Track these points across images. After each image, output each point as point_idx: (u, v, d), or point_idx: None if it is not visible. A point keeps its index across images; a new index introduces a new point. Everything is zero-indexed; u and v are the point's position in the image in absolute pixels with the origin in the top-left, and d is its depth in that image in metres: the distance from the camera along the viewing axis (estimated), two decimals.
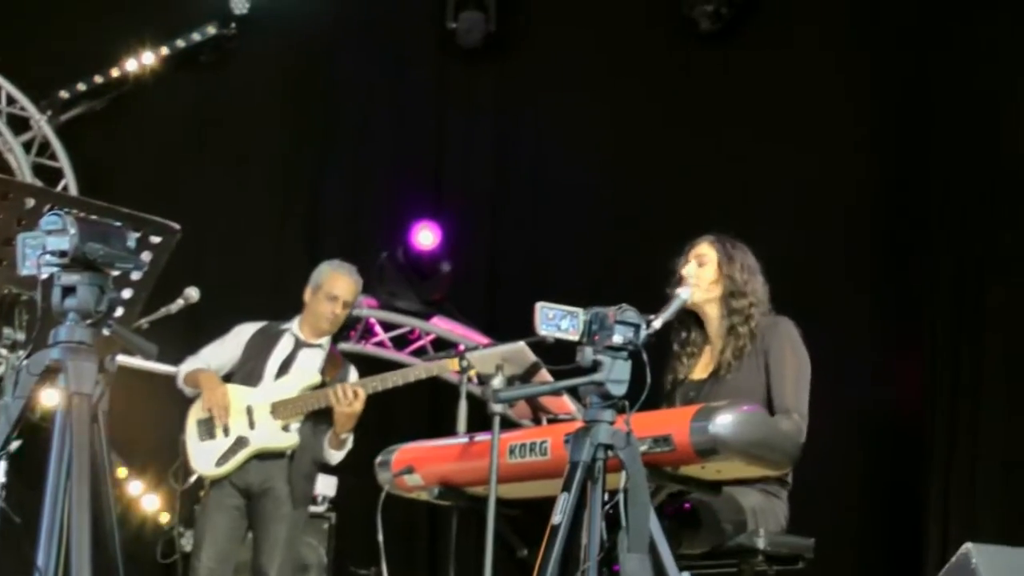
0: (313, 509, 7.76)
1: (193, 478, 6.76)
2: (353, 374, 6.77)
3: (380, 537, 5.36)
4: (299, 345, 6.77)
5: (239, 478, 6.60)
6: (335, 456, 6.70)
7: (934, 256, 8.16)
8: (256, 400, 6.63)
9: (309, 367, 6.72)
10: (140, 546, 8.18)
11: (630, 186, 9.12)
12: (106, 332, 3.44)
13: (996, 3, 8.05)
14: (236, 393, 6.64)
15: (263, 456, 6.60)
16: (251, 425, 6.60)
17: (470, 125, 9.79)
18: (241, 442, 6.59)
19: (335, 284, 6.79)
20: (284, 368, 6.72)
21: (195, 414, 6.68)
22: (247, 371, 6.73)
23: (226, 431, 6.61)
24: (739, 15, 9.01)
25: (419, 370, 6.70)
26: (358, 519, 7.07)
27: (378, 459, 5.44)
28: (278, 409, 6.59)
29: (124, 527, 3.33)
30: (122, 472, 8.40)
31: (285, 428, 6.61)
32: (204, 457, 6.62)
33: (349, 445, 6.68)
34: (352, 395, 6.48)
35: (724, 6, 8.97)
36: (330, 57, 9.81)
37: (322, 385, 6.64)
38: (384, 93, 9.75)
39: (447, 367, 6.48)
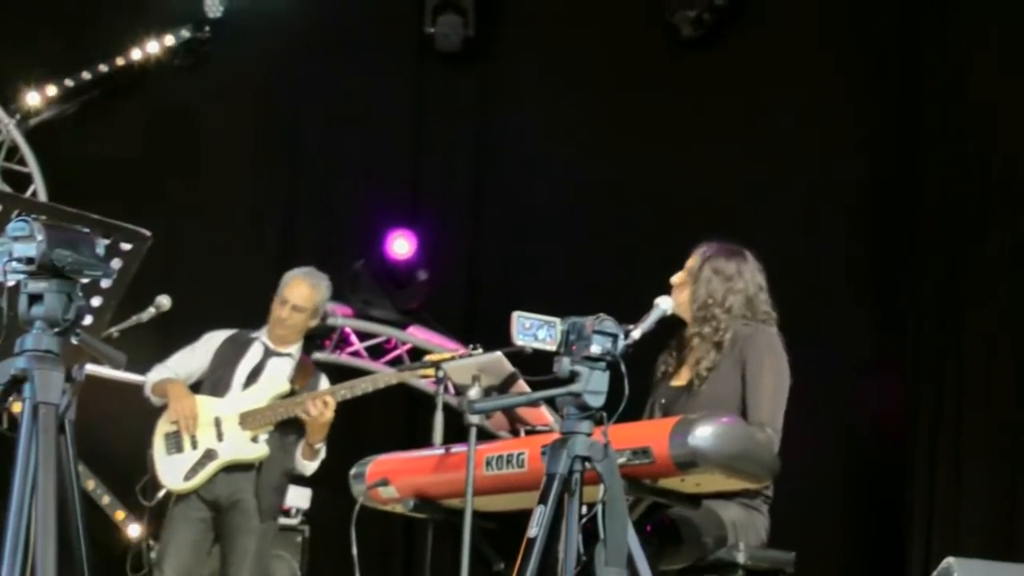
0: (286, 522, 7.75)
1: (161, 493, 6.72)
2: (324, 382, 6.75)
3: (354, 550, 5.35)
4: (268, 354, 6.75)
5: (207, 491, 6.57)
6: (309, 467, 6.69)
7: (921, 269, 8.17)
8: (224, 411, 6.61)
9: (278, 376, 6.70)
10: (109, 559, 8.14)
11: (612, 193, 9.13)
12: (74, 341, 3.42)
13: (988, 6, 8.06)
14: (204, 404, 6.61)
15: (231, 468, 6.57)
16: (219, 437, 6.58)
17: (448, 131, 9.78)
18: (210, 455, 6.56)
19: (288, 289, 6.78)
20: (253, 377, 6.70)
21: (162, 427, 6.66)
22: (215, 380, 6.71)
23: (194, 444, 6.58)
24: (721, 21, 9.03)
25: (389, 376, 6.69)
26: (332, 532, 7.06)
27: (352, 471, 5.43)
28: (247, 420, 6.57)
29: (92, 540, 3.32)
30: (90, 484, 8.37)
31: (254, 439, 6.59)
32: (172, 471, 6.59)
33: (322, 455, 6.66)
34: (322, 405, 6.46)
35: (706, 12, 8.99)
36: (305, 61, 9.79)
37: (291, 394, 6.62)
38: (360, 98, 9.73)
39: (418, 372, 6.48)
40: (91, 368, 3.78)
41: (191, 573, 6.61)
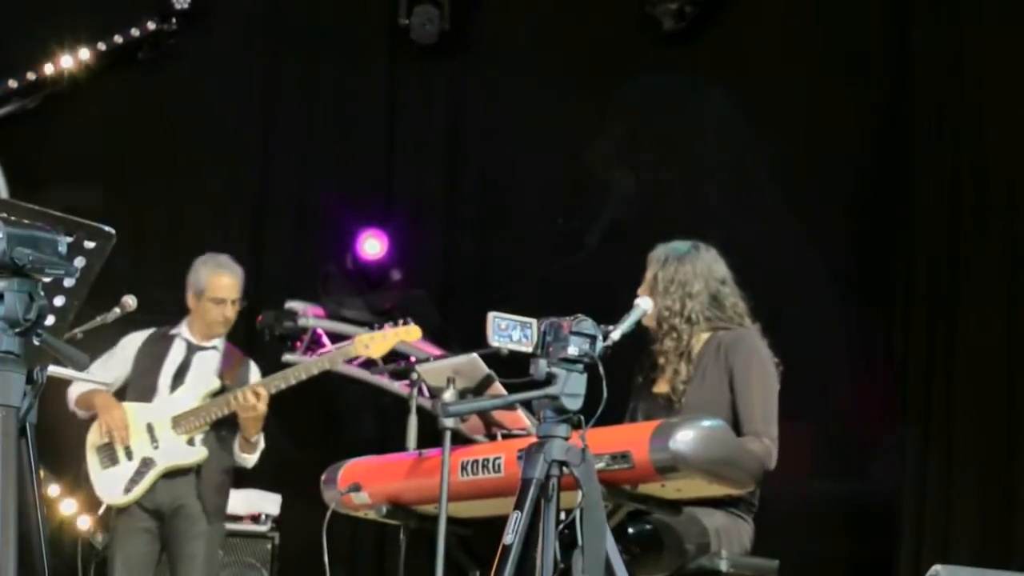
0: (256, 528, 7.74)
1: (102, 508, 6.65)
2: (254, 371, 6.71)
3: (326, 558, 5.35)
4: (192, 350, 6.70)
5: (148, 500, 6.52)
6: (250, 460, 6.65)
7: (912, 271, 8.18)
8: (155, 416, 6.55)
9: (206, 373, 6.64)
10: (72, 570, 8.13)
11: (590, 190, 9.13)
12: (36, 341, 3.42)
13: (980, 9, 8.08)
14: (133, 411, 6.55)
15: (170, 474, 6.53)
16: (154, 444, 6.52)
17: (422, 127, 9.78)
18: (147, 463, 6.51)
19: (217, 287, 6.70)
20: (179, 377, 6.64)
21: (93, 441, 6.59)
22: (141, 386, 6.63)
23: (129, 454, 6.52)
24: (704, 14, 9.04)
25: (321, 362, 6.65)
26: (303, 539, 7.05)
27: (324, 476, 5.44)
28: (180, 423, 6.52)
29: (55, 548, 3.30)
30: (53, 491, 8.35)
31: (190, 442, 6.54)
32: (110, 485, 6.53)
33: (261, 445, 6.63)
34: (254, 398, 6.42)
35: (688, 4, 9.00)
36: (276, 54, 9.78)
37: (223, 390, 6.58)
38: (332, 92, 9.72)
39: (349, 353, 6.47)
40: (53, 370, 3.77)
41: None
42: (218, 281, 6.70)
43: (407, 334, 6.61)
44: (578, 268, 8.90)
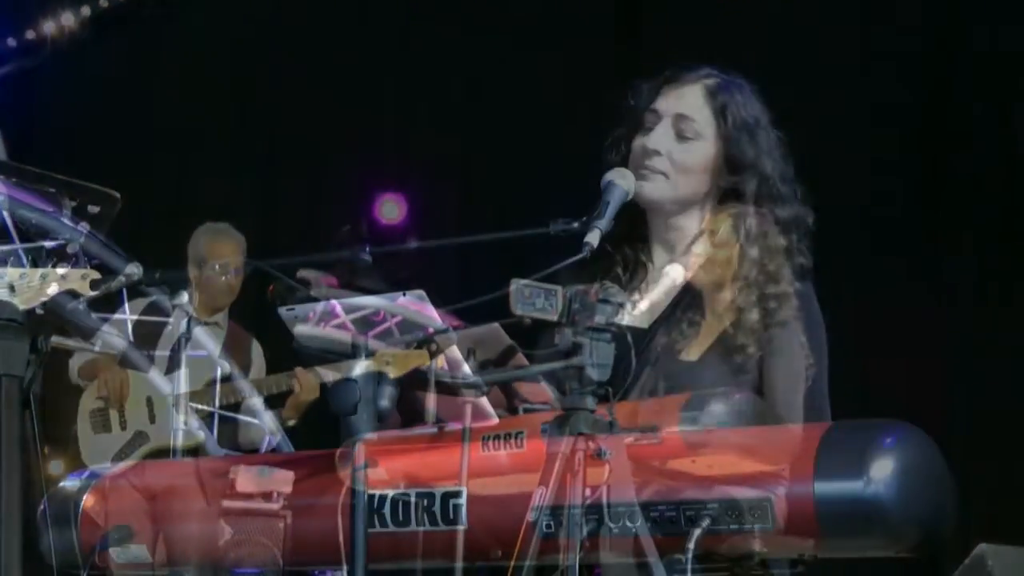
0: (267, 506, 7.77)
1: (86, 473, 6.68)
2: (257, 350, 6.73)
3: (340, 538, 5.38)
4: (192, 323, 6.72)
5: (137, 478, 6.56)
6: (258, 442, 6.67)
7: (957, 259, 8.16)
8: (157, 391, 6.56)
9: (210, 351, 6.65)
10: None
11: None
12: (39, 310, 3.45)
13: None
14: (136, 380, 6.57)
15: (163, 454, 6.53)
16: (151, 418, 6.55)
17: (440, 81, 9.75)
18: (140, 437, 6.54)
19: (217, 253, 6.72)
20: (177, 351, 6.65)
21: (88, 403, 6.62)
22: (136, 355, 6.65)
23: (123, 424, 6.55)
24: None
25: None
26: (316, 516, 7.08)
27: (338, 452, 5.46)
28: (182, 402, 6.54)
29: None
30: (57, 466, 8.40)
31: (187, 423, 6.55)
32: (99, 452, 6.57)
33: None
34: (307, 383, 6.43)
35: None
36: (283, 7, 9.76)
37: (229, 377, 6.58)
38: (344, 43, 9.70)
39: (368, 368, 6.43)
40: (57, 339, 3.81)
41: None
42: (218, 248, 6.74)
43: (421, 358, 6.61)
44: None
